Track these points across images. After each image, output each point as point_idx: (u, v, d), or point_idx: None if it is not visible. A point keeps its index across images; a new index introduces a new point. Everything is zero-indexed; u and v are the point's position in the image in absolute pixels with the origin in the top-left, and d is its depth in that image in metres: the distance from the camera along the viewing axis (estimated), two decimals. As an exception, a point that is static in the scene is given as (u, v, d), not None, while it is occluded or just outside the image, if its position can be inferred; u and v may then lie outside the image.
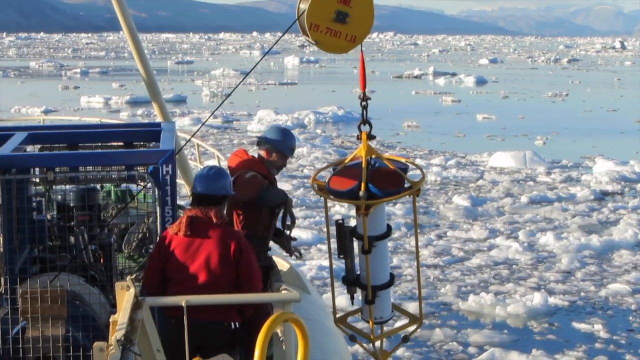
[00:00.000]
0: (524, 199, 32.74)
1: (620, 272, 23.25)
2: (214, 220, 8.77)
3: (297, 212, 27.59)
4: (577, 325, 19.39)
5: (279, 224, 10.42)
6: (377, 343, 8.83)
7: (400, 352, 16.79)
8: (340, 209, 26.21)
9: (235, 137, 50.89)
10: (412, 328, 9.08)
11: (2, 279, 9.12)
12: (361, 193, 8.18)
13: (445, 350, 18.03)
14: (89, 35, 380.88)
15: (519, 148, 42.79)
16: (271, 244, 10.58)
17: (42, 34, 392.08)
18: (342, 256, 8.62)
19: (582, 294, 21.62)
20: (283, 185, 33.45)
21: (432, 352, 17.89)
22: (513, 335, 18.84)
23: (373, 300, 8.57)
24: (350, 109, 57.03)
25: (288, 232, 10.45)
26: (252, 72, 11.12)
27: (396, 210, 28.45)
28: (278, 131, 10.39)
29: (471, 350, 17.81)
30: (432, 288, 21.69)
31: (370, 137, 8.43)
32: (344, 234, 8.56)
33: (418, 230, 27.54)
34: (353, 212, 8.75)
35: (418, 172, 8.79)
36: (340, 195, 8.54)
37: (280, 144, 10.17)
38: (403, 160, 8.89)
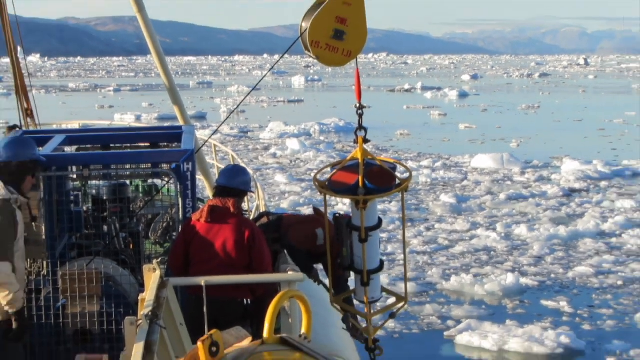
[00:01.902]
0: (502, 196, 32.68)
1: (584, 257, 23.28)
2: (232, 209, 8.83)
3: (304, 209, 27.68)
4: (545, 302, 19.43)
5: None
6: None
7: (392, 325, 16.86)
8: (343, 207, 26.18)
9: (250, 144, 50.96)
10: (399, 306, 9.07)
11: (45, 263, 9.12)
12: (360, 189, 8.21)
13: (431, 322, 18.13)
14: (121, 58, 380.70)
15: (497, 151, 42.76)
16: None
17: (79, 58, 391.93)
18: (338, 244, 8.65)
19: (551, 275, 21.66)
20: (293, 187, 33.42)
21: (419, 324, 18.00)
22: (489, 310, 18.96)
23: (368, 282, 8.58)
24: (350, 120, 56.79)
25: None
26: (263, 90, 11.12)
27: (391, 207, 28.43)
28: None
29: (452, 323, 17.88)
30: (421, 271, 21.77)
31: (366, 140, 8.42)
32: (342, 225, 8.59)
33: (409, 224, 27.80)
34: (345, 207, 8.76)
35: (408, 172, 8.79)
36: (340, 192, 8.54)
37: None
38: (392, 161, 8.90)
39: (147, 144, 11.94)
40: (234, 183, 9.04)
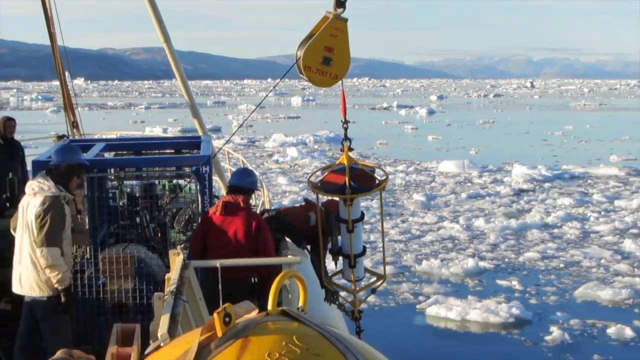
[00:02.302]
0: (463, 194, 32.69)
1: (531, 245, 23.29)
2: (242, 204, 8.87)
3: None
4: (499, 281, 19.44)
5: None
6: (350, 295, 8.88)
7: (373, 300, 16.89)
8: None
9: (257, 152, 50.87)
10: (378, 283, 9.09)
11: (88, 248, 9.10)
12: (347, 189, 8.26)
13: (405, 298, 18.17)
14: (150, 82, 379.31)
15: (459, 158, 42.81)
16: None
17: (116, 81, 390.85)
18: (328, 235, 8.69)
19: (504, 259, 21.66)
20: (292, 188, 33.39)
21: (396, 299, 18.03)
22: (454, 287, 18.95)
23: (354, 264, 8.61)
24: (338, 132, 56.34)
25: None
26: (267, 108, 11.11)
27: (372, 203, 28.36)
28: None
29: (423, 298, 17.92)
30: (397, 256, 21.74)
31: (350, 149, 8.49)
32: (331, 218, 8.64)
33: (387, 217, 27.61)
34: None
35: (385, 175, 8.79)
36: (330, 191, 8.56)
37: None
38: (372, 165, 8.93)
39: (172, 151, 11.96)
40: (244, 183, 9.12)
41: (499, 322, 16.40)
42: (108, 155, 11.14)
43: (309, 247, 10.40)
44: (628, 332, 15.65)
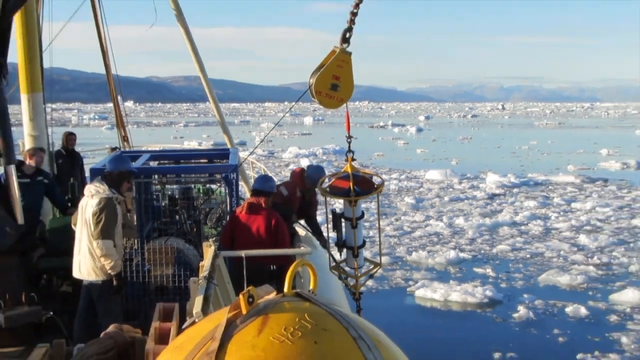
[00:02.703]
0: (446, 198, 32.66)
1: (502, 239, 23.24)
2: (263, 205, 8.88)
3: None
4: (476, 269, 19.41)
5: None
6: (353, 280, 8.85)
7: (371, 284, 16.96)
8: (339, 205, 26.21)
9: (275, 162, 50.77)
10: (375, 269, 9.08)
11: (136, 241, 9.10)
12: (351, 193, 8.27)
13: (398, 282, 18.14)
14: (188, 104, 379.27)
15: (442, 168, 42.77)
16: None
17: (159, 104, 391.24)
18: (335, 230, 8.68)
19: (480, 251, 21.61)
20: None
21: (390, 283, 18.01)
22: (438, 274, 18.88)
23: (357, 254, 8.61)
24: (343, 145, 56.40)
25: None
26: (284, 126, 11.14)
27: (371, 205, 28.29)
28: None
29: (412, 282, 17.91)
30: (392, 248, 21.72)
31: (353, 159, 8.51)
32: (337, 217, 8.64)
33: (383, 216, 27.49)
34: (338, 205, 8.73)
35: (381, 180, 8.79)
36: (337, 194, 8.56)
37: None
38: (371, 173, 8.93)
39: (206, 160, 11.95)
40: (265, 187, 9.12)
41: (475, 302, 16.39)
42: (153, 164, 11.15)
43: (302, 221, 10.48)
44: (583, 311, 15.63)
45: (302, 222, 10.79)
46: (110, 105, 17.07)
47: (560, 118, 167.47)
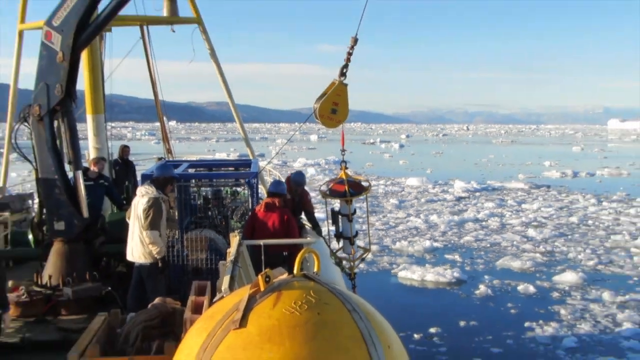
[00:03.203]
0: (422, 199, 32.61)
1: (468, 232, 23.21)
2: (277, 204, 8.80)
3: (316, 206, 27.68)
4: (446, 255, 19.38)
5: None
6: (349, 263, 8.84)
7: (363, 266, 16.95)
8: (337, 205, 26.23)
9: (288, 170, 50.65)
10: (366, 254, 9.06)
11: (177, 232, 9.06)
12: (347, 194, 8.26)
13: (384, 265, 18.09)
14: (219, 124, 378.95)
15: (419, 176, 42.73)
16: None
17: (196, 123, 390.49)
18: (334, 224, 8.68)
19: (450, 241, 21.57)
20: (311, 193, 33.46)
21: (377, 266, 17.95)
22: (416, 259, 18.81)
23: (353, 243, 8.60)
24: (340, 157, 57.20)
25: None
26: (294, 142, 11.17)
27: (362, 204, 28.31)
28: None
29: (396, 266, 17.86)
30: (380, 239, 21.66)
31: (347, 168, 8.55)
32: (335, 214, 8.63)
33: (372, 214, 27.26)
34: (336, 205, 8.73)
35: (369, 184, 8.77)
36: (336, 196, 8.55)
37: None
38: (362, 178, 8.92)
39: (232, 168, 11.92)
40: (278, 190, 9.06)
41: (445, 281, 16.35)
42: (190, 171, 11.13)
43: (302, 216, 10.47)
44: (531, 289, 15.63)
45: (303, 216, 10.73)
46: (158, 124, 17.08)
47: (512, 137, 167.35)
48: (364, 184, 8.69)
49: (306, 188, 10.74)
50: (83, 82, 11.76)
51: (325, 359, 2.75)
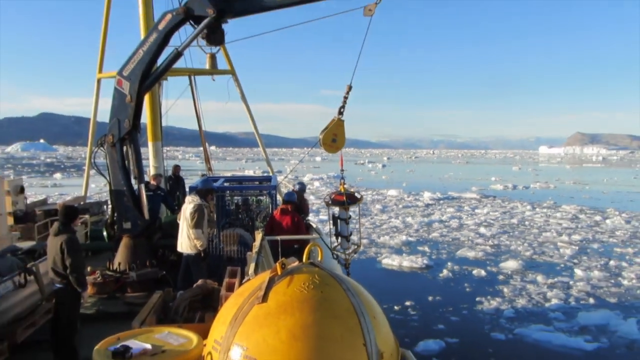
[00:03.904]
0: (400, 205, 32.48)
1: (434, 230, 23.01)
2: (290, 209, 8.73)
3: (321, 211, 27.51)
4: (419, 247, 19.16)
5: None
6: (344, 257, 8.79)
7: (356, 257, 16.69)
8: (337, 212, 26.09)
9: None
10: (358, 248, 8.99)
11: (215, 230, 9.04)
12: (345, 203, 8.23)
13: (372, 255, 17.89)
14: (247, 148, 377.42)
15: (398, 188, 42.64)
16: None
17: (230, 148, 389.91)
18: (334, 226, 8.65)
19: (421, 237, 21.34)
20: (317, 202, 32.74)
21: (366, 256, 17.76)
22: (396, 250, 18.59)
23: (349, 240, 8.54)
24: (339, 174, 57.05)
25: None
26: (304, 163, 11.09)
27: (356, 209, 28.18)
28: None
29: (381, 255, 17.66)
30: (368, 235, 21.46)
31: (344, 183, 8.51)
32: (336, 218, 8.59)
33: (363, 217, 27.03)
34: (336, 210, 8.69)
35: (360, 195, 8.72)
36: (337, 205, 8.51)
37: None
38: (354, 191, 8.89)
39: (257, 182, 11.89)
40: (291, 198, 8.96)
41: (417, 267, 16.24)
42: (226, 184, 11.12)
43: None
44: (483, 273, 15.50)
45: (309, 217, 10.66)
46: (201, 148, 17.08)
47: (467, 159, 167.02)
48: (357, 195, 8.67)
49: (306, 195, 10.67)
50: (146, 117, 11.81)
51: (325, 326, 2.77)
